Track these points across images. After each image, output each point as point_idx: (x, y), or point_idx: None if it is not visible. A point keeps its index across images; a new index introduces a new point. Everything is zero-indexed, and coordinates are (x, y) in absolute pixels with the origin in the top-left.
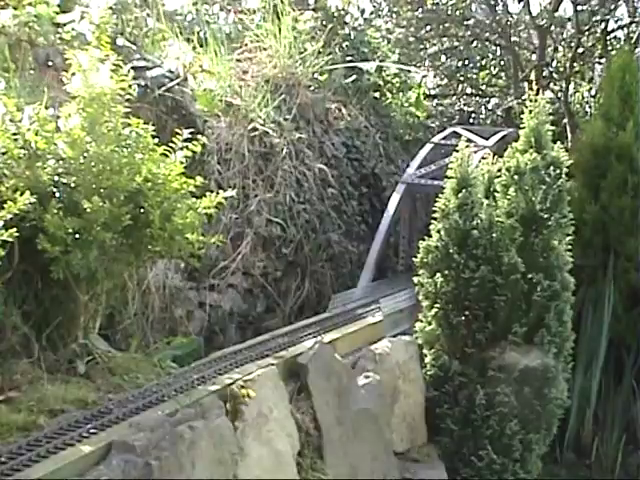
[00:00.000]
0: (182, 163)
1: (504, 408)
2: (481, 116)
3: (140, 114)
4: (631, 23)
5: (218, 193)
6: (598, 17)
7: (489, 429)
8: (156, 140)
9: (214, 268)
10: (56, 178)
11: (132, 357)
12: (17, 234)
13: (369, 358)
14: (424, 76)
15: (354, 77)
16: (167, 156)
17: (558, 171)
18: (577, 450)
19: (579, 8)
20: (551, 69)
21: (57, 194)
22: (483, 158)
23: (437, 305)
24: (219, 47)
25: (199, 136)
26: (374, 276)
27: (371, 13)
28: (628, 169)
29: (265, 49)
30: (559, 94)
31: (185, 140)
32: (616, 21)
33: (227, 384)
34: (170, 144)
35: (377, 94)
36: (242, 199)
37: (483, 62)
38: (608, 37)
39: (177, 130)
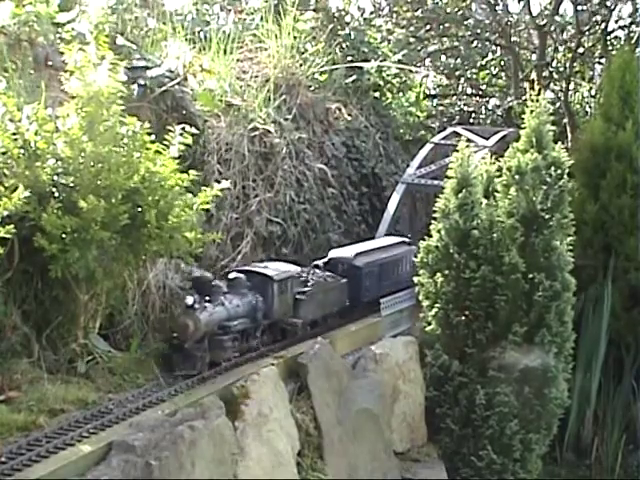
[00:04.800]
0: (177, 159)
1: (504, 408)
2: (481, 116)
3: (140, 113)
4: (631, 23)
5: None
6: (598, 17)
7: (489, 429)
8: (152, 138)
9: (214, 267)
10: (55, 178)
11: (132, 357)
12: (17, 234)
13: (369, 358)
14: (425, 76)
15: (354, 77)
16: (162, 153)
17: (559, 171)
18: (577, 450)
19: (579, 8)
20: (551, 69)
21: (56, 194)
22: (483, 158)
23: (437, 305)
24: (219, 47)
25: (195, 132)
26: None
27: (371, 13)
28: (628, 169)
29: (265, 49)
30: (559, 94)
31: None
32: (616, 21)
33: (227, 384)
34: (165, 141)
35: (377, 94)
36: (242, 199)
37: (483, 62)
38: (608, 37)
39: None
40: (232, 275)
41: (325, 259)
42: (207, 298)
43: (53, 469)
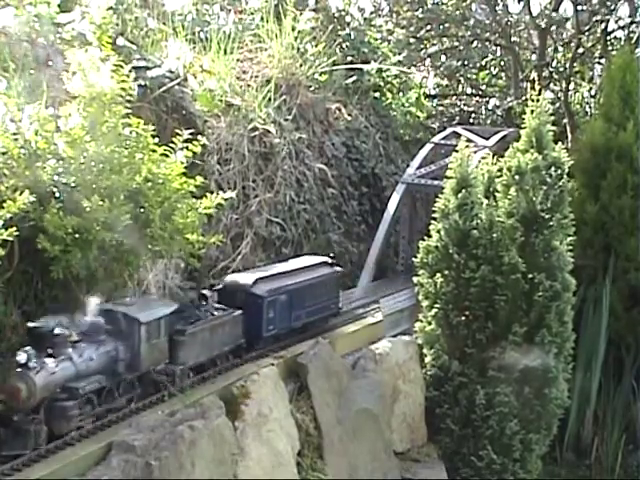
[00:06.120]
0: (182, 163)
1: (504, 408)
2: (481, 116)
3: (140, 114)
4: (631, 23)
5: (218, 193)
6: (598, 17)
7: (489, 429)
8: (156, 140)
9: (214, 268)
10: (56, 178)
11: None
12: (17, 234)
13: (369, 358)
14: (424, 77)
15: (354, 77)
16: (167, 156)
17: (559, 171)
18: (577, 450)
19: (579, 8)
20: (551, 69)
21: (57, 194)
22: (483, 158)
23: (437, 305)
24: (219, 47)
25: (199, 136)
26: (374, 276)
27: (371, 13)
28: (628, 169)
29: (266, 49)
30: (559, 94)
31: (185, 140)
32: (616, 21)
33: (227, 384)
34: (170, 144)
35: (377, 94)
36: (242, 199)
37: (483, 62)
38: (608, 37)
39: (177, 130)
40: (87, 319)
41: (218, 286)
42: (49, 352)
43: (53, 469)
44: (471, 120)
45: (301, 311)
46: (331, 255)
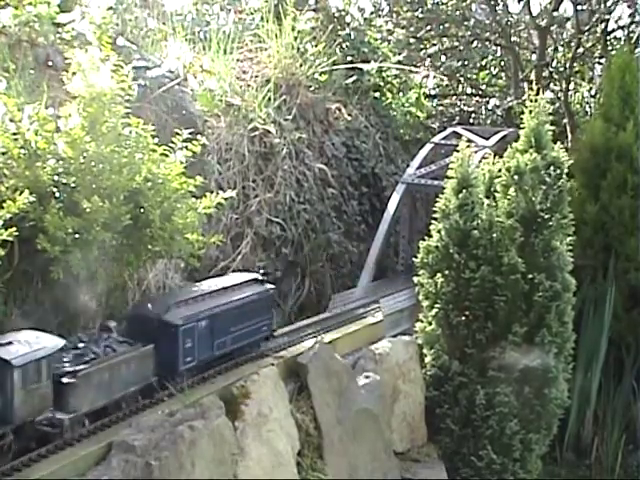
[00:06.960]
0: (182, 163)
1: (504, 408)
2: (481, 116)
3: (140, 114)
4: (631, 23)
5: (218, 193)
6: (598, 17)
7: (489, 429)
8: (156, 140)
9: (214, 268)
10: (56, 178)
11: None
12: (17, 234)
13: (369, 358)
14: (425, 76)
15: (354, 77)
16: (167, 156)
17: (558, 171)
18: (577, 450)
19: (579, 8)
20: (551, 69)
21: (57, 194)
22: (484, 158)
23: (437, 305)
24: (219, 47)
25: (199, 136)
26: (374, 276)
27: (371, 13)
28: (628, 169)
29: (266, 49)
30: (559, 94)
31: (185, 140)
32: (616, 21)
33: (227, 384)
34: (170, 144)
35: (377, 94)
36: (242, 199)
37: (483, 62)
38: (608, 37)
39: (177, 130)
40: None
41: (124, 314)
42: None
43: (53, 469)
44: (471, 120)
45: (225, 337)
46: (262, 272)
